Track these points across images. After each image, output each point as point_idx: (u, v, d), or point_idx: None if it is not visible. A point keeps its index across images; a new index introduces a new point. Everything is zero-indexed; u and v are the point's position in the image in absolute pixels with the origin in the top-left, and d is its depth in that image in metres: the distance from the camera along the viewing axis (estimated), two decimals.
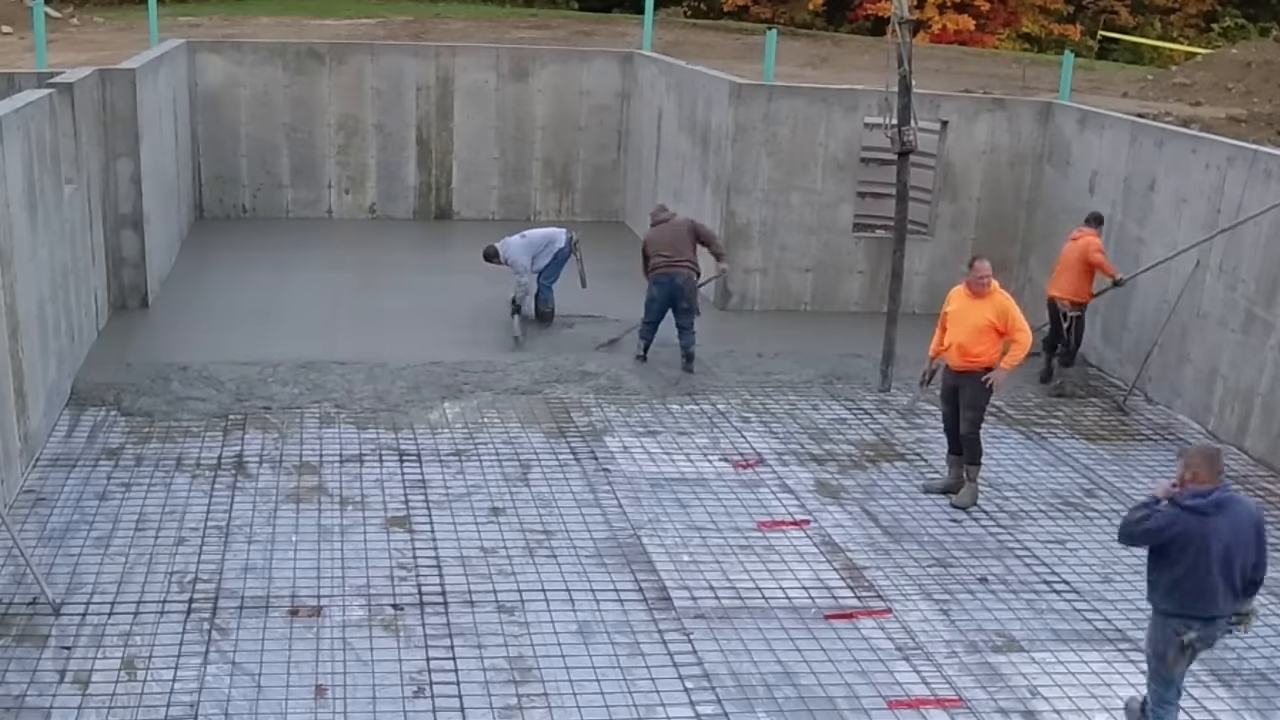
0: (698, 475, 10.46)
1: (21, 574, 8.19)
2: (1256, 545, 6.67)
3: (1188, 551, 6.57)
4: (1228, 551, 6.56)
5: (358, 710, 7.06)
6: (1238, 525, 6.59)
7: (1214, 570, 6.56)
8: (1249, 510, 6.71)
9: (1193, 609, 6.64)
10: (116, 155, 13.46)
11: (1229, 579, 6.61)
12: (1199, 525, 6.54)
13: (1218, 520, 6.54)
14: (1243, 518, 6.62)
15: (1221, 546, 6.55)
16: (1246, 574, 6.69)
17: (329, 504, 9.59)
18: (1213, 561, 6.55)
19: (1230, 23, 43.16)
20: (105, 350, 12.52)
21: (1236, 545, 6.59)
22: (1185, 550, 6.57)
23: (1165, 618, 6.74)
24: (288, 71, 18.30)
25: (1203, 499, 6.56)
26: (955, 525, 9.80)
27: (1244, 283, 11.54)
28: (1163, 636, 6.77)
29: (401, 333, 13.43)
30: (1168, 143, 12.90)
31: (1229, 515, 6.57)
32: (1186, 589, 6.62)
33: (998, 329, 9.83)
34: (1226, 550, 6.56)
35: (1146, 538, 6.71)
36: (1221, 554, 6.56)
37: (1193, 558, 6.56)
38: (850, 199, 15.02)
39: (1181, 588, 6.63)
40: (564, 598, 8.37)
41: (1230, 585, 6.64)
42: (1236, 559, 6.60)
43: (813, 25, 39.62)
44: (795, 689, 7.47)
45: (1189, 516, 6.56)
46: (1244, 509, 6.68)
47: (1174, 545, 6.60)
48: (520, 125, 19.09)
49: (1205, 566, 6.55)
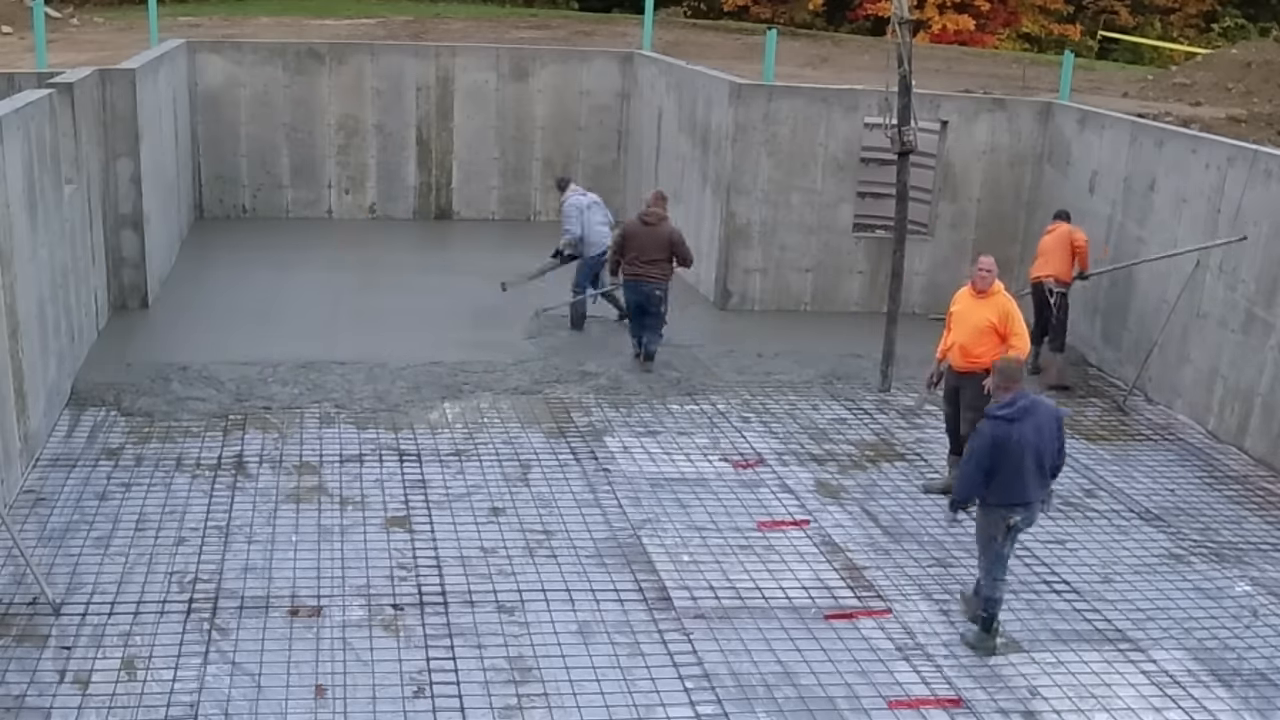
0: (698, 475, 10.46)
1: (21, 574, 8.19)
2: (1058, 438, 7.90)
3: (1007, 453, 7.71)
4: (1036, 448, 7.78)
5: (358, 710, 7.06)
6: (1041, 425, 7.80)
7: (1026, 464, 7.75)
8: (1050, 410, 7.95)
9: (1015, 498, 7.81)
10: (116, 155, 13.46)
11: (1040, 469, 7.85)
12: (1008, 430, 7.71)
13: (1023, 424, 7.73)
14: (1045, 418, 7.84)
15: (1031, 445, 7.75)
16: (1051, 462, 7.92)
17: (329, 504, 9.59)
18: (1025, 458, 7.74)
19: (1230, 23, 43.15)
20: (105, 350, 12.52)
21: (1042, 442, 7.81)
22: (1004, 453, 7.71)
23: (994, 509, 7.86)
24: (288, 71, 18.31)
25: (1009, 408, 7.77)
26: (955, 525, 9.78)
27: (1244, 283, 11.54)
28: (993, 524, 7.89)
29: (401, 333, 13.43)
30: (1168, 143, 12.90)
31: (1033, 418, 7.78)
32: (1008, 484, 7.76)
33: (999, 331, 9.82)
34: (1035, 447, 7.78)
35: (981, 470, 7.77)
36: (1032, 451, 7.76)
37: (1010, 458, 7.72)
38: (850, 199, 15.02)
39: (1005, 484, 7.76)
40: (564, 598, 8.37)
41: (1040, 474, 7.87)
42: (1044, 452, 7.84)
43: (813, 25, 39.61)
44: (795, 689, 7.47)
45: (999, 424, 7.74)
46: (1046, 409, 7.92)
47: (995, 452, 7.71)
48: (520, 125, 19.09)
49: (1019, 463, 7.73)
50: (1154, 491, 10.66)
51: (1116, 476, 10.93)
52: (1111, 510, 10.24)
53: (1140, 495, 10.57)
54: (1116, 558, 9.38)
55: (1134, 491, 10.64)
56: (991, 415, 7.83)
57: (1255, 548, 9.68)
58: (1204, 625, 8.46)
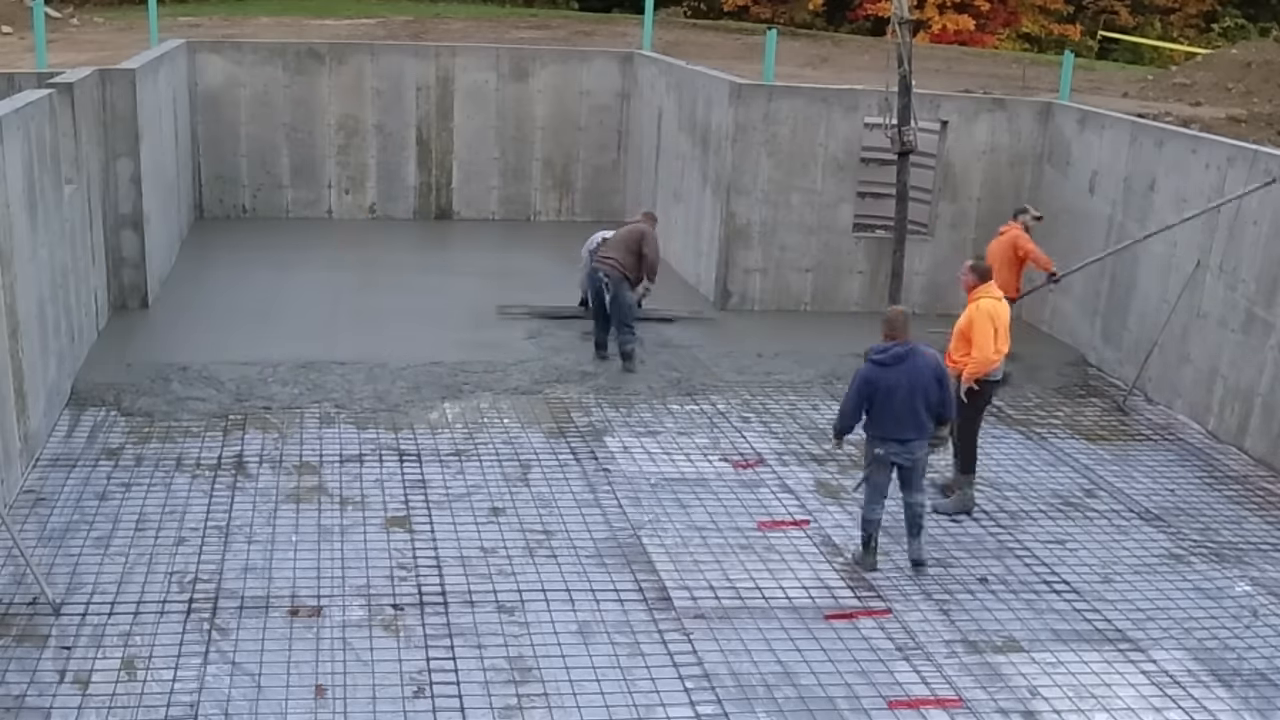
0: (698, 475, 10.46)
1: (21, 574, 8.19)
2: (938, 389, 8.75)
3: (878, 391, 8.68)
4: (909, 392, 8.64)
5: (358, 710, 7.06)
6: (915, 372, 8.68)
7: (896, 404, 8.66)
8: (928, 362, 8.77)
9: (885, 433, 8.75)
10: (116, 155, 13.46)
11: (914, 412, 8.68)
12: (880, 373, 8.68)
13: (896, 369, 8.65)
14: (921, 367, 8.71)
15: (902, 388, 8.63)
16: (933, 409, 8.75)
17: (329, 504, 9.59)
18: (895, 399, 8.65)
19: (1230, 23, 43.16)
20: (105, 350, 12.51)
21: (916, 387, 8.67)
22: (876, 391, 8.69)
23: (869, 439, 8.88)
24: (288, 71, 18.30)
25: (883, 353, 8.73)
26: (955, 525, 9.80)
27: (1244, 283, 11.54)
28: (868, 453, 8.94)
29: (401, 333, 13.42)
30: (1168, 143, 12.90)
31: (907, 365, 8.67)
32: (879, 419, 8.75)
33: (966, 335, 9.78)
34: (908, 391, 8.64)
35: (852, 403, 8.80)
36: (904, 393, 8.63)
37: (881, 396, 8.68)
38: (850, 199, 15.02)
39: (877, 418, 8.76)
40: (564, 598, 8.37)
41: (916, 417, 8.71)
42: (918, 397, 8.67)
43: (813, 25, 39.61)
44: (795, 689, 7.47)
45: (872, 367, 8.73)
46: (923, 360, 8.74)
47: (867, 389, 8.70)
48: (520, 125, 19.08)
49: (890, 401, 8.67)
50: (1154, 491, 10.66)
51: (1116, 476, 10.93)
52: (1111, 510, 10.24)
53: (1140, 495, 10.57)
54: (1116, 558, 9.39)
55: (1134, 491, 10.64)
56: (868, 358, 8.83)
57: (1255, 548, 9.68)
58: (1204, 625, 8.46)
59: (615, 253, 12.65)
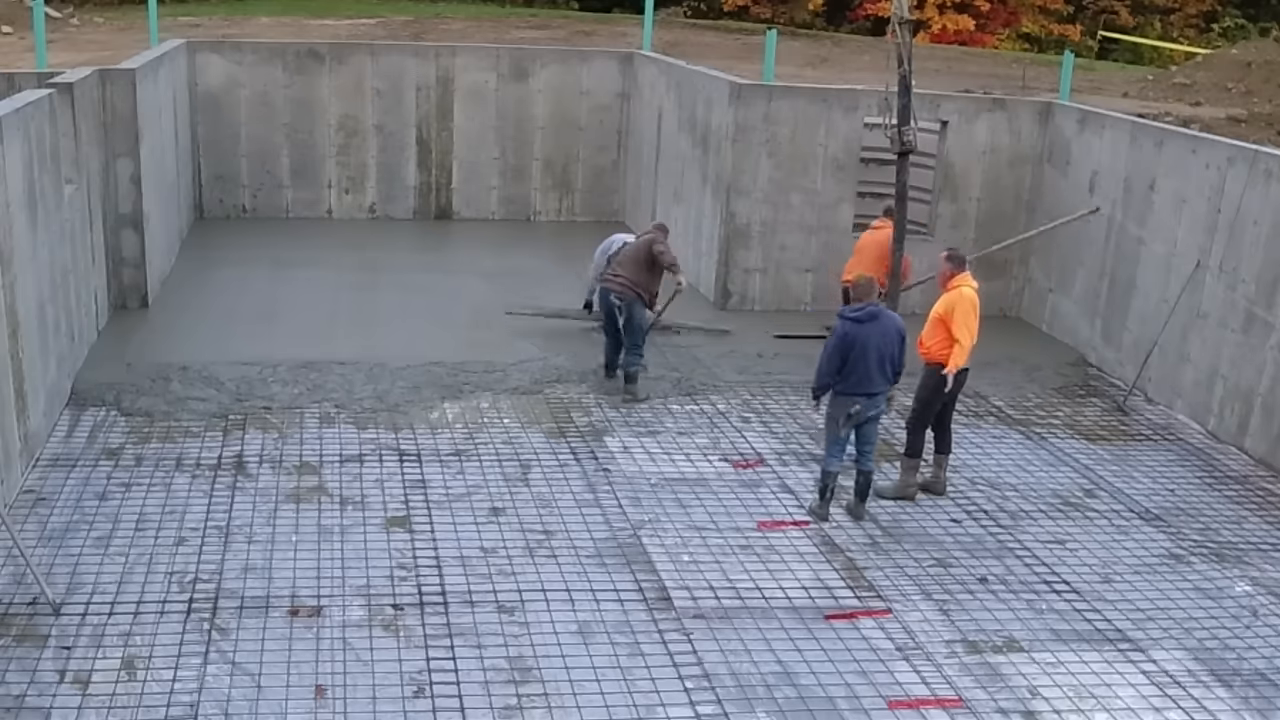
0: (698, 475, 10.46)
1: (21, 574, 8.19)
2: (898, 347, 9.46)
3: (853, 348, 9.31)
4: (879, 349, 9.36)
5: (358, 710, 7.06)
6: (884, 330, 9.40)
7: (869, 360, 9.33)
8: (894, 321, 9.51)
9: (858, 389, 9.40)
10: (116, 155, 13.46)
11: (881, 368, 9.42)
12: (856, 329, 9.34)
13: (869, 326, 9.35)
14: (888, 326, 9.43)
15: (874, 345, 9.33)
16: (893, 365, 9.50)
17: (329, 504, 9.59)
18: (869, 354, 9.32)
19: (1230, 23, 43.17)
20: (105, 350, 12.51)
21: (884, 345, 9.39)
22: (851, 348, 9.32)
23: (842, 396, 9.46)
24: (288, 72, 18.30)
25: (858, 312, 9.40)
26: (955, 525, 9.80)
27: (1244, 283, 11.54)
28: (839, 409, 9.51)
29: (401, 333, 13.43)
30: (1168, 143, 12.90)
31: (879, 323, 9.39)
32: (853, 375, 9.36)
33: (945, 323, 9.93)
34: (878, 348, 9.35)
35: (834, 361, 9.37)
36: (875, 350, 9.34)
37: (856, 352, 9.32)
38: (850, 199, 15.02)
39: (851, 374, 9.36)
40: (564, 598, 8.37)
41: (881, 372, 9.43)
42: (885, 354, 9.40)
43: (813, 25, 39.62)
44: (795, 689, 7.47)
45: (849, 324, 9.37)
46: (890, 320, 9.48)
47: (844, 346, 9.32)
48: (520, 125, 19.08)
49: (863, 358, 9.32)
50: (1154, 491, 10.66)
51: (1116, 476, 10.93)
52: (1111, 510, 10.24)
53: (1140, 495, 10.57)
54: (1116, 558, 9.39)
55: (1134, 491, 10.64)
56: (843, 316, 9.48)
57: (1255, 548, 9.68)
58: (1204, 625, 8.46)
59: (626, 271, 11.97)
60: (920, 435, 10.23)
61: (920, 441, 10.22)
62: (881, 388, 9.50)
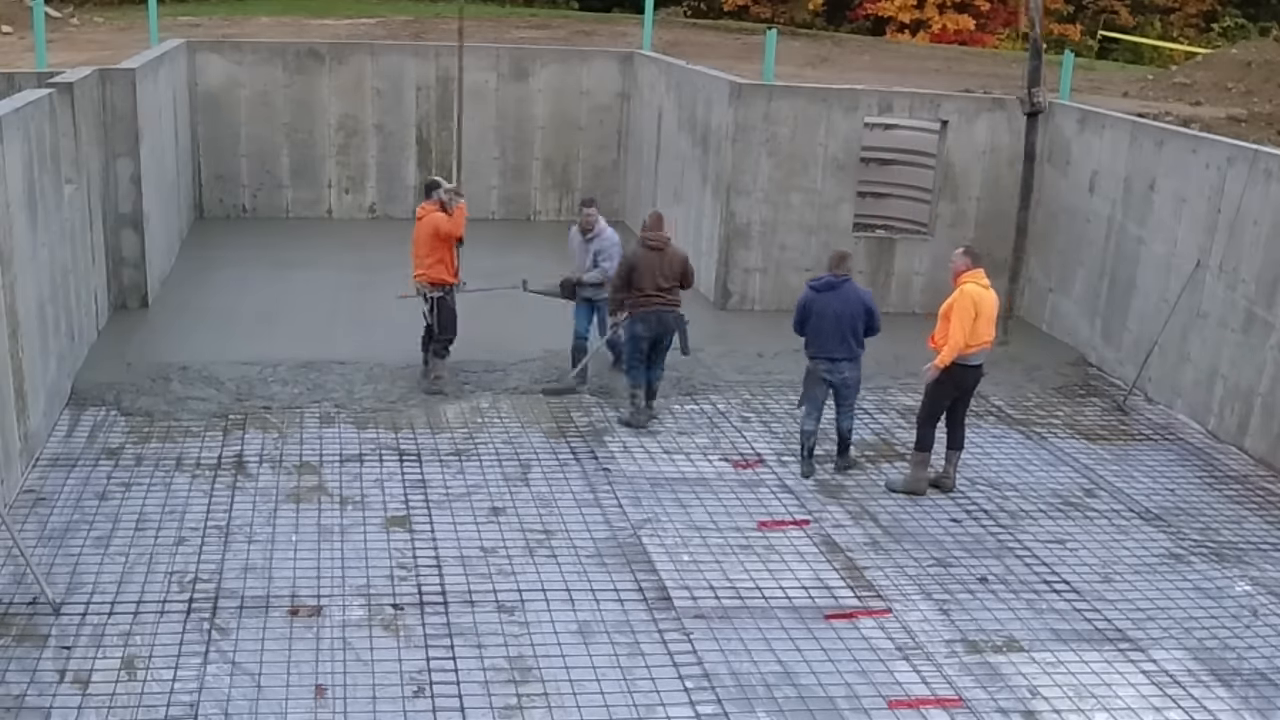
0: (698, 475, 10.47)
1: (21, 574, 8.19)
2: (865, 316, 10.24)
3: (811, 314, 10.26)
4: (837, 316, 10.16)
5: (358, 710, 7.06)
6: (846, 299, 10.19)
7: (827, 325, 10.19)
8: (858, 293, 10.31)
9: (817, 351, 10.32)
10: (116, 155, 13.46)
11: (843, 335, 10.20)
12: (815, 297, 10.25)
13: (828, 295, 10.19)
14: (851, 297, 10.22)
15: (833, 313, 10.16)
16: (860, 333, 10.26)
17: (329, 504, 9.59)
18: (826, 321, 10.19)
19: (1230, 23, 43.12)
20: (105, 350, 12.52)
21: (845, 314, 10.18)
22: (810, 313, 10.27)
23: (809, 359, 10.38)
24: (288, 71, 18.30)
25: (818, 282, 10.29)
26: (955, 525, 9.80)
27: (1244, 283, 11.54)
28: (808, 371, 10.44)
29: (402, 333, 13.40)
30: (1168, 143, 12.90)
31: (839, 294, 10.19)
32: (813, 338, 10.31)
33: (947, 317, 10.02)
34: (837, 316, 10.16)
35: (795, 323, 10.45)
36: (833, 318, 10.16)
37: (815, 319, 10.25)
38: (850, 199, 15.02)
39: (811, 337, 10.32)
40: (564, 598, 8.37)
41: (845, 340, 10.22)
42: (846, 323, 10.18)
43: (813, 25, 39.58)
44: (795, 689, 7.47)
45: (810, 293, 10.30)
46: (853, 291, 10.29)
47: (802, 311, 10.32)
48: (520, 125, 19.08)
49: (821, 322, 10.21)
50: (1154, 491, 10.66)
51: (1116, 476, 10.93)
52: (1111, 510, 10.24)
53: (1140, 495, 10.57)
54: (1116, 558, 9.39)
55: (1134, 491, 10.64)
56: (808, 286, 10.38)
57: (1255, 548, 9.68)
58: (1204, 625, 8.46)
59: (670, 283, 11.23)
60: (929, 429, 10.27)
61: (929, 436, 10.26)
62: (843, 355, 10.26)
